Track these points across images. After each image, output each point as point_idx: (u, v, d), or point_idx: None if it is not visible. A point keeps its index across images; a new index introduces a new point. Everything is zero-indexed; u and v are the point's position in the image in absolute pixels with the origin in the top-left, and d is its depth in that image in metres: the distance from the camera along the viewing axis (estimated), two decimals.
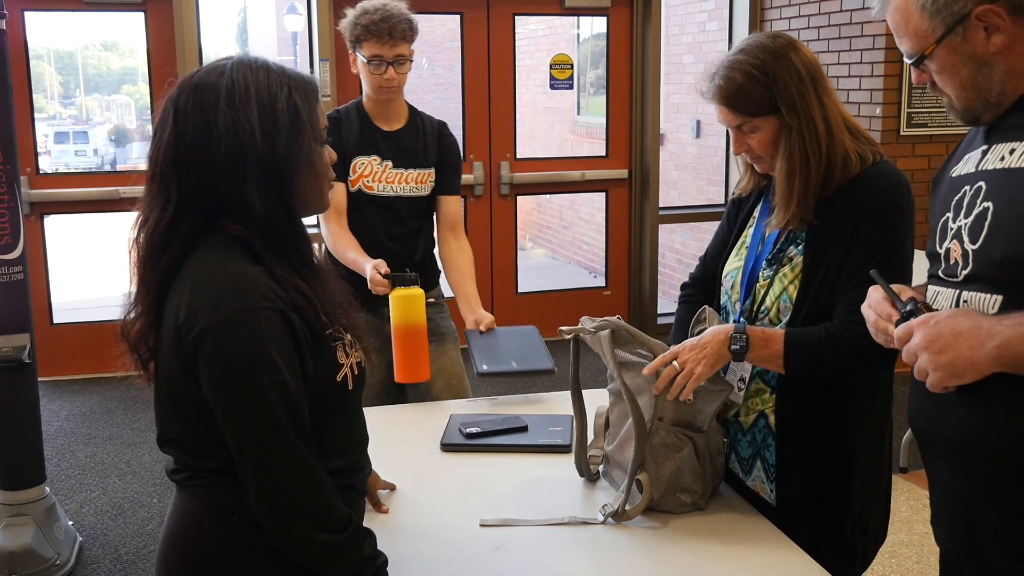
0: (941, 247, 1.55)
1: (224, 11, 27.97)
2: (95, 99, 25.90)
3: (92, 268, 10.00)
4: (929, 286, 1.58)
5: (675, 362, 1.93)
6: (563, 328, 2.08)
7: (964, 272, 1.49)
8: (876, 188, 1.92)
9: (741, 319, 2.07)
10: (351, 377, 1.63)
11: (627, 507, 1.95)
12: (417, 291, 2.65)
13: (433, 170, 3.18)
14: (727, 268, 2.17)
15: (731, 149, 2.07)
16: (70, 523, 3.79)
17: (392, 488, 2.13)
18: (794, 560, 1.84)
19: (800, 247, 1.99)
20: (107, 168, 19.26)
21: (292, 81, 1.57)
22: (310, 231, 1.71)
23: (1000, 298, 1.42)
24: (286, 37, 22.52)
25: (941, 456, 1.56)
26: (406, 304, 2.63)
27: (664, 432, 1.96)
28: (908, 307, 1.49)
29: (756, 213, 2.16)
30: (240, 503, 1.55)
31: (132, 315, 1.61)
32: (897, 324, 1.50)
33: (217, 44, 28.11)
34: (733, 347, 1.92)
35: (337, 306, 1.63)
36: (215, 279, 1.51)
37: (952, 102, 1.57)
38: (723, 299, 2.17)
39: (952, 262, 1.52)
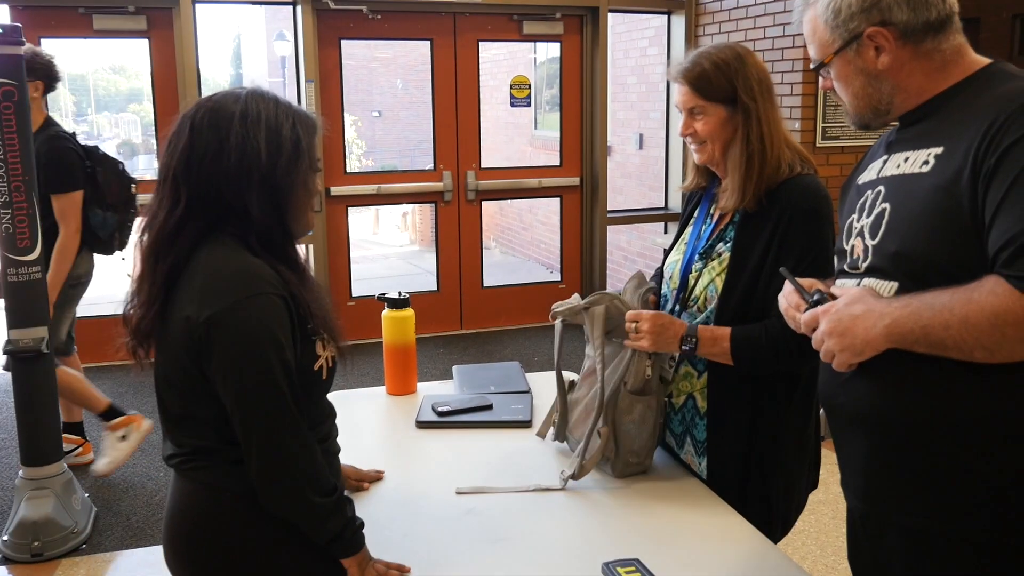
0: (847, 244, 1.58)
1: (220, 37, 27.68)
2: (105, 117, 25.56)
3: (104, 267, 9.85)
4: (837, 280, 1.60)
5: (635, 324, 1.94)
6: (557, 306, 2.05)
7: (865, 264, 1.51)
8: (798, 196, 1.92)
9: (677, 306, 2.08)
10: (326, 368, 1.65)
11: (584, 459, 1.96)
12: (408, 312, 2.58)
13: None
14: (668, 260, 2.18)
15: (679, 131, 2.05)
16: (86, 495, 3.75)
17: (380, 476, 2.07)
18: (727, 520, 1.87)
19: (728, 244, 2.00)
20: None
21: (296, 115, 1.60)
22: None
23: (895, 284, 1.44)
24: (275, 60, 22.32)
25: (844, 425, 1.58)
26: (397, 325, 2.58)
27: (627, 400, 1.97)
28: (815, 297, 1.52)
29: (696, 214, 2.17)
30: (232, 480, 1.57)
31: (135, 304, 1.61)
32: (805, 312, 1.52)
33: (214, 68, 27.82)
34: (684, 347, 1.94)
35: (321, 307, 1.63)
36: (224, 268, 1.53)
37: (847, 108, 1.60)
38: (664, 288, 2.18)
39: (855, 256, 1.54)
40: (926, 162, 1.43)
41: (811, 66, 1.62)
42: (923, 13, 1.46)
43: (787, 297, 1.61)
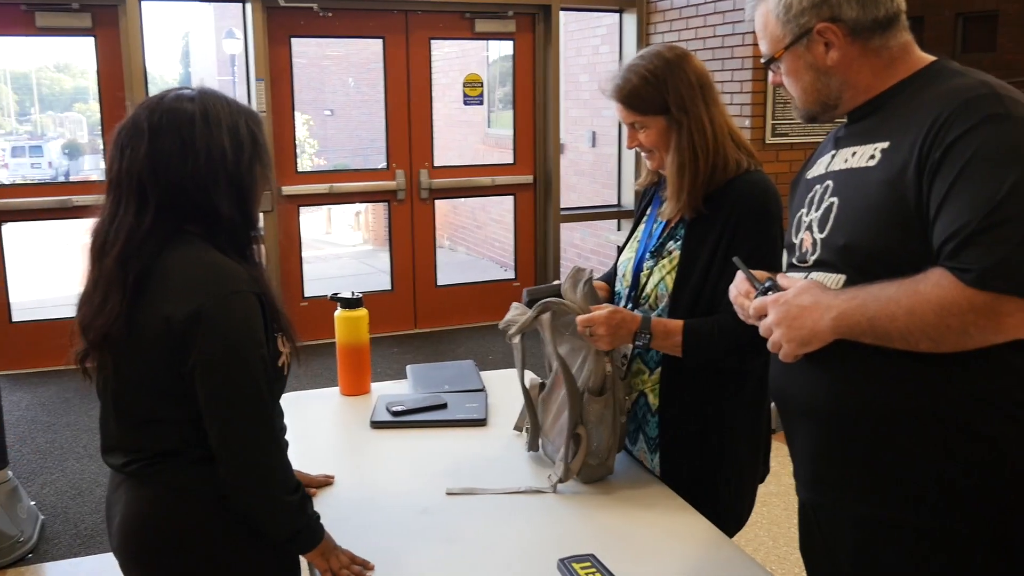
0: (796, 238, 1.60)
1: (168, 35, 27.32)
2: (49, 116, 25.09)
3: (48, 270, 9.67)
4: (787, 273, 1.62)
5: (588, 330, 1.90)
6: (506, 325, 2.01)
7: (813, 257, 1.53)
8: (746, 194, 1.93)
9: (629, 304, 2.08)
10: (287, 364, 1.67)
11: (570, 462, 1.94)
12: (362, 312, 2.55)
13: None
14: (622, 258, 2.19)
15: (626, 144, 2.07)
16: (32, 503, 3.67)
17: (329, 481, 2.04)
18: (681, 514, 1.88)
19: (678, 243, 2.01)
20: (61, 179, 18.69)
21: (245, 112, 1.63)
22: None
23: (843, 277, 1.46)
24: (225, 59, 22.07)
25: (794, 416, 1.60)
26: (351, 324, 2.55)
27: (587, 400, 1.96)
28: (767, 284, 1.54)
29: (648, 212, 2.18)
30: (196, 480, 1.57)
31: (99, 311, 1.56)
32: (754, 299, 1.55)
33: (162, 66, 27.42)
34: (637, 343, 1.93)
35: (280, 304, 1.65)
36: (198, 266, 1.54)
37: (795, 102, 1.63)
38: (617, 286, 2.18)
39: (804, 250, 1.56)
40: (872, 156, 1.46)
41: (762, 61, 1.64)
42: (871, 10, 1.49)
43: (737, 286, 1.63)
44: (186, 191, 1.54)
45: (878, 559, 1.49)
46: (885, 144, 1.45)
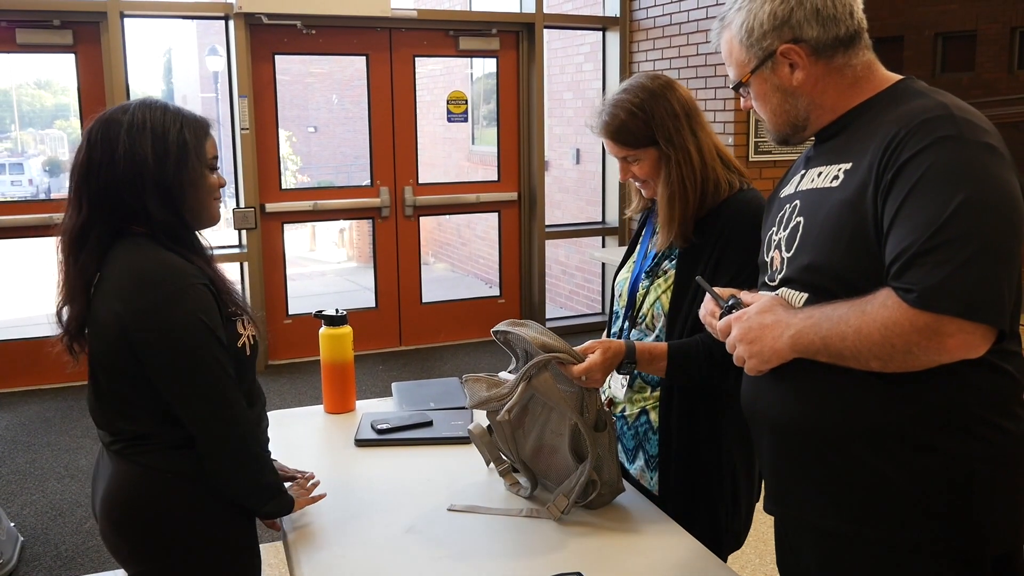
0: (768, 256, 1.62)
1: (150, 52, 27.29)
2: (30, 133, 24.99)
3: (28, 289, 9.61)
4: (760, 291, 1.64)
5: (584, 377, 1.85)
6: (490, 405, 1.93)
7: (780, 276, 1.56)
8: (739, 212, 1.94)
9: (626, 323, 2.09)
10: (248, 345, 1.80)
11: (577, 498, 1.89)
12: (346, 330, 2.54)
13: None
14: (618, 279, 2.19)
15: (619, 177, 2.08)
16: (12, 524, 3.64)
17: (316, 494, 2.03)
18: (670, 534, 1.88)
19: (673, 262, 2.02)
20: (42, 197, 18.57)
21: (185, 119, 1.74)
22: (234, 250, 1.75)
23: (806, 295, 1.49)
24: (208, 76, 22.07)
25: (761, 430, 1.63)
26: (335, 342, 2.54)
27: (596, 440, 1.93)
28: (730, 302, 1.58)
29: (644, 232, 2.19)
30: (171, 462, 1.72)
31: (62, 302, 1.76)
32: (720, 319, 1.58)
33: (144, 82, 27.38)
34: (623, 372, 1.92)
35: (232, 290, 1.79)
36: (145, 264, 1.67)
37: (767, 125, 1.65)
38: (615, 306, 2.19)
39: (773, 268, 1.59)
40: (836, 177, 1.49)
41: (731, 86, 1.66)
42: (832, 29, 1.52)
43: (705, 305, 1.67)
44: (116, 195, 1.69)
45: (844, 572, 1.50)
46: (848, 165, 1.47)
